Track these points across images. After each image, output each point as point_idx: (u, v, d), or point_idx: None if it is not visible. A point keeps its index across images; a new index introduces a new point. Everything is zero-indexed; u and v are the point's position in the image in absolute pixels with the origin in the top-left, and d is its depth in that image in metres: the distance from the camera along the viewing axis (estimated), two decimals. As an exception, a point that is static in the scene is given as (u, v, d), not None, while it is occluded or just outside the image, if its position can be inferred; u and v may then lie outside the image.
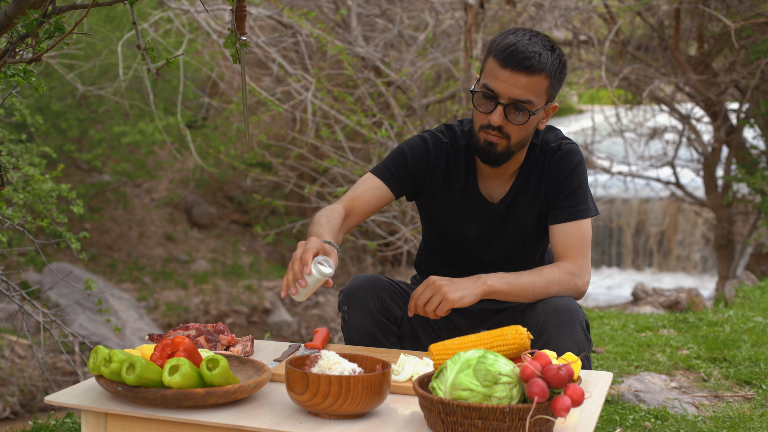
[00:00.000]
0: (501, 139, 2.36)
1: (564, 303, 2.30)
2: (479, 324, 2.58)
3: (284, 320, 9.95)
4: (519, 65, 2.28)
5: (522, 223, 2.52)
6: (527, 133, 2.39)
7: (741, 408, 3.20)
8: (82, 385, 2.09)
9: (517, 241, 2.55)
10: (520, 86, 2.30)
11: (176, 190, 11.80)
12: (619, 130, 8.59)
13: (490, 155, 2.40)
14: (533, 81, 2.30)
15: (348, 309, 2.43)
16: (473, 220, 2.53)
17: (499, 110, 2.33)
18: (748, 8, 6.99)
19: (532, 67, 2.29)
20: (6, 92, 3.34)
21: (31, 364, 6.97)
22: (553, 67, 2.32)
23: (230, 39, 2.01)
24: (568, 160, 2.46)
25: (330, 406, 1.86)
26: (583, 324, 2.30)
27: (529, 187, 2.50)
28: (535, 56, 2.29)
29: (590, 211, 2.45)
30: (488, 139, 2.37)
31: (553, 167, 2.46)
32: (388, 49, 7.42)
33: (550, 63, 2.31)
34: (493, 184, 2.52)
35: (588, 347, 2.32)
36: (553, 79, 2.34)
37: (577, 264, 2.38)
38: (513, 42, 2.31)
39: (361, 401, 1.86)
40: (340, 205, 2.47)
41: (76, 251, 3.83)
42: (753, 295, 5.37)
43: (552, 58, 2.32)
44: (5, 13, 2.11)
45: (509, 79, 2.30)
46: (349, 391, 1.84)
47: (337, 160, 6.32)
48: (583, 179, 2.47)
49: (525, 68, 2.28)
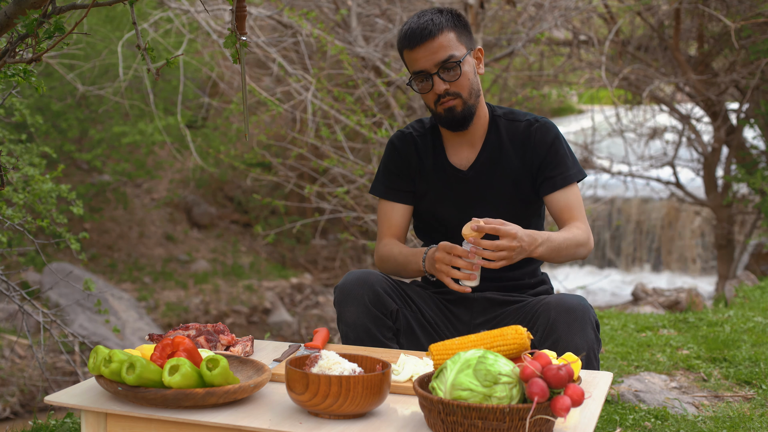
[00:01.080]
0: (455, 99, 2.54)
1: (577, 302, 2.32)
2: (480, 315, 2.58)
3: (284, 320, 9.95)
4: (421, 37, 2.51)
5: (500, 190, 2.61)
6: (470, 81, 2.55)
7: (741, 408, 3.20)
8: (82, 385, 2.09)
9: (495, 209, 2.59)
10: (434, 51, 2.51)
11: (176, 190, 11.80)
12: (619, 130, 8.58)
13: (456, 118, 2.57)
14: (441, 40, 2.51)
15: (342, 304, 2.44)
16: (450, 192, 2.64)
17: (435, 80, 2.53)
18: (748, 8, 6.98)
19: (432, 32, 2.51)
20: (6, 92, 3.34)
21: (31, 364, 6.97)
22: (449, 21, 2.54)
23: (230, 39, 2.01)
24: (547, 131, 2.61)
25: (330, 406, 1.86)
26: (593, 323, 2.32)
27: (501, 154, 2.61)
28: (428, 23, 2.52)
29: (581, 173, 2.60)
30: (446, 106, 2.55)
31: (536, 138, 2.60)
32: (388, 49, 7.42)
33: (444, 20, 2.53)
34: (461, 154, 2.66)
35: (597, 347, 2.33)
36: (457, 30, 2.54)
37: (585, 224, 2.55)
38: (407, 27, 2.55)
39: (361, 401, 1.86)
40: (386, 240, 2.70)
41: (76, 251, 3.83)
42: (753, 295, 5.37)
43: (443, 16, 2.54)
44: (5, 13, 2.11)
45: (423, 53, 2.52)
46: (349, 391, 1.84)
47: (337, 160, 6.32)
48: (567, 146, 2.63)
49: (427, 36, 2.51)
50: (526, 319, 2.47)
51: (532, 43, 6.85)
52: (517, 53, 6.73)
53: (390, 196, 2.69)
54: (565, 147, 2.61)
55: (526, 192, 2.61)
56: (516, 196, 2.60)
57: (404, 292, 2.56)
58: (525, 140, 2.60)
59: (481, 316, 2.58)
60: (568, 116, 14.52)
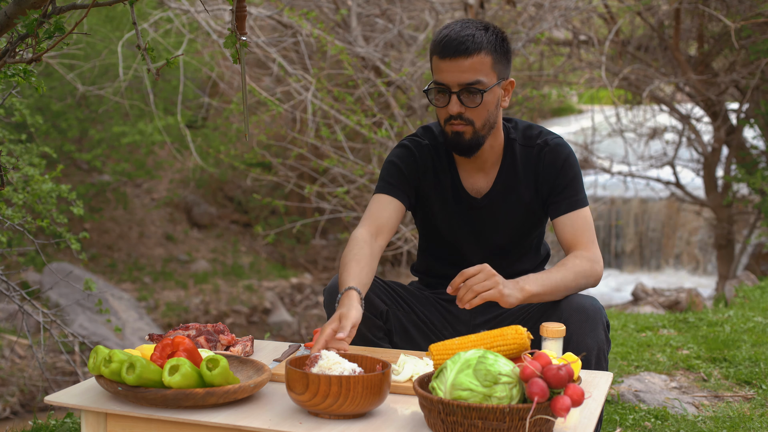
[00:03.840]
0: (466, 126, 2.41)
1: (589, 302, 2.31)
2: (480, 315, 2.58)
3: (284, 320, 9.96)
4: (456, 51, 2.35)
5: (510, 218, 2.54)
6: (488, 113, 2.42)
7: (741, 408, 3.20)
8: (82, 385, 2.09)
9: (507, 236, 2.56)
10: (463, 70, 2.36)
11: (176, 190, 11.80)
12: (619, 130, 8.59)
13: (461, 145, 2.45)
14: (475, 61, 2.35)
15: (331, 306, 2.42)
16: (462, 217, 2.56)
17: (453, 99, 2.38)
18: (748, 8, 6.98)
19: (469, 49, 2.34)
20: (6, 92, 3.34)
21: (31, 364, 6.97)
22: (491, 43, 2.37)
23: (230, 39, 2.01)
24: (558, 154, 2.50)
25: (330, 406, 1.86)
26: (605, 324, 2.31)
27: (514, 182, 2.53)
28: (468, 38, 2.35)
29: (587, 200, 2.50)
30: (454, 129, 2.43)
31: (545, 162, 2.50)
32: (388, 49, 7.42)
33: (486, 40, 2.36)
34: (476, 180, 2.56)
35: (607, 348, 2.32)
36: (495, 55, 2.38)
37: (591, 250, 2.42)
38: (446, 33, 2.38)
39: (361, 401, 1.86)
40: (364, 229, 2.47)
41: (76, 251, 3.82)
42: (753, 295, 5.37)
43: (487, 35, 2.37)
44: (5, 13, 2.10)
45: (452, 67, 2.36)
46: (349, 391, 1.84)
47: (337, 160, 6.32)
48: (577, 170, 2.51)
49: (462, 52, 2.34)
50: (526, 319, 2.46)
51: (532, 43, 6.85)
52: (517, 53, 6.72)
53: (390, 192, 2.55)
54: (574, 170, 2.50)
55: (538, 216, 2.56)
56: (527, 222, 2.56)
57: (395, 293, 2.55)
58: (536, 167, 2.51)
59: (481, 316, 2.58)
60: (568, 116, 14.52)
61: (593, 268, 2.39)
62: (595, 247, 2.44)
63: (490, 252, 2.58)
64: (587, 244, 2.43)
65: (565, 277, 2.33)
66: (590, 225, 2.47)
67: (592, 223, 2.48)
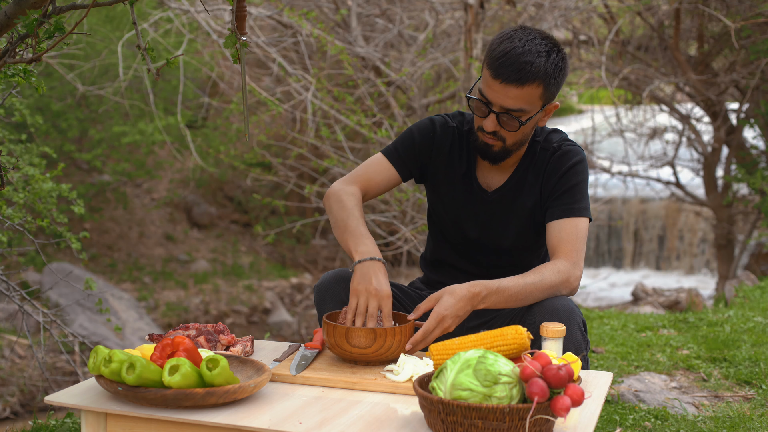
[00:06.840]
0: (497, 141, 2.41)
1: (561, 304, 2.28)
2: (475, 318, 2.58)
3: (284, 320, 9.96)
4: (509, 78, 2.28)
5: (517, 216, 2.52)
6: (523, 135, 2.41)
7: (741, 408, 3.20)
8: (82, 385, 2.09)
9: (514, 234, 2.55)
10: (511, 97, 2.31)
11: (176, 190, 11.80)
12: (619, 130, 8.59)
13: (488, 154, 2.45)
14: (525, 92, 2.30)
15: (321, 302, 2.44)
16: (470, 207, 2.56)
17: (491, 117, 2.36)
18: (748, 8, 6.98)
19: (522, 79, 2.28)
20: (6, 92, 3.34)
21: (31, 364, 6.97)
22: (547, 73, 2.30)
23: (230, 39, 2.01)
24: (565, 159, 2.46)
25: (385, 353, 2.18)
26: (580, 324, 2.29)
27: (526, 182, 2.51)
28: (526, 66, 2.27)
29: (586, 211, 2.43)
30: (485, 140, 2.42)
31: (552, 166, 2.47)
32: (388, 49, 7.42)
33: (543, 71, 2.29)
34: (492, 174, 2.55)
35: (586, 348, 2.31)
36: (547, 84, 2.32)
37: (570, 260, 2.34)
38: (506, 51, 2.29)
39: (402, 346, 2.21)
40: (355, 186, 2.52)
41: (76, 251, 3.83)
42: (753, 295, 5.37)
43: (546, 64, 2.29)
44: (5, 13, 2.10)
45: (500, 90, 2.31)
46: (403, 337, 2.19)
47: (337, 160, 6.32)
48: (582, 179, 2.45)
49: (515, 80, 2.28)
50: (513, 321, 2.45)
51: (532, 43, 6.84)
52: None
53: (393, 160, 2.55)
54: (579, 178, 2.45)
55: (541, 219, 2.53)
56: (533, 223, 2.53)
57: (394, 294, 2.55)
58: (544, 169, 2.48)
59: (475, 319, 2.57)
60: (568, 116, 14.53)
61: (566, 281, 2.31)
62: (576, 257, 2.35)
63: (495, 250, 2.58)
64: (568, 253, 2.35)
65: (529, 284, 2.27)
66: (580, 235, 2.38)
67: (583, 235, 2.39)
